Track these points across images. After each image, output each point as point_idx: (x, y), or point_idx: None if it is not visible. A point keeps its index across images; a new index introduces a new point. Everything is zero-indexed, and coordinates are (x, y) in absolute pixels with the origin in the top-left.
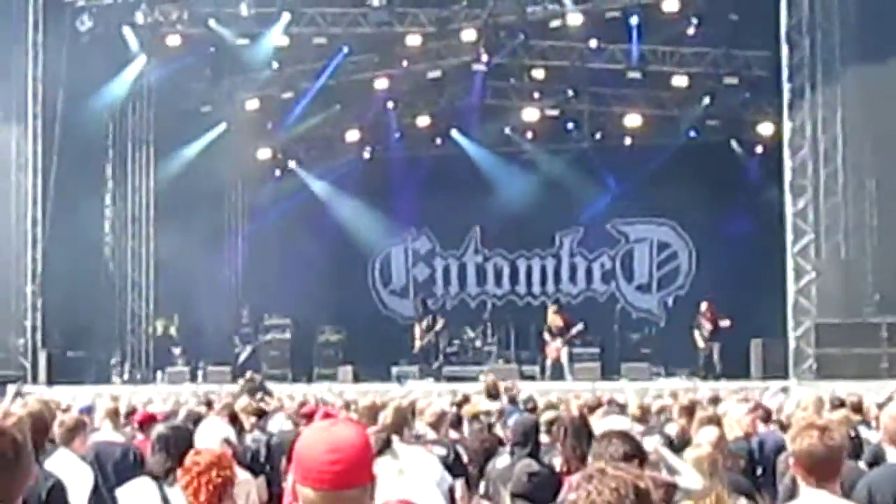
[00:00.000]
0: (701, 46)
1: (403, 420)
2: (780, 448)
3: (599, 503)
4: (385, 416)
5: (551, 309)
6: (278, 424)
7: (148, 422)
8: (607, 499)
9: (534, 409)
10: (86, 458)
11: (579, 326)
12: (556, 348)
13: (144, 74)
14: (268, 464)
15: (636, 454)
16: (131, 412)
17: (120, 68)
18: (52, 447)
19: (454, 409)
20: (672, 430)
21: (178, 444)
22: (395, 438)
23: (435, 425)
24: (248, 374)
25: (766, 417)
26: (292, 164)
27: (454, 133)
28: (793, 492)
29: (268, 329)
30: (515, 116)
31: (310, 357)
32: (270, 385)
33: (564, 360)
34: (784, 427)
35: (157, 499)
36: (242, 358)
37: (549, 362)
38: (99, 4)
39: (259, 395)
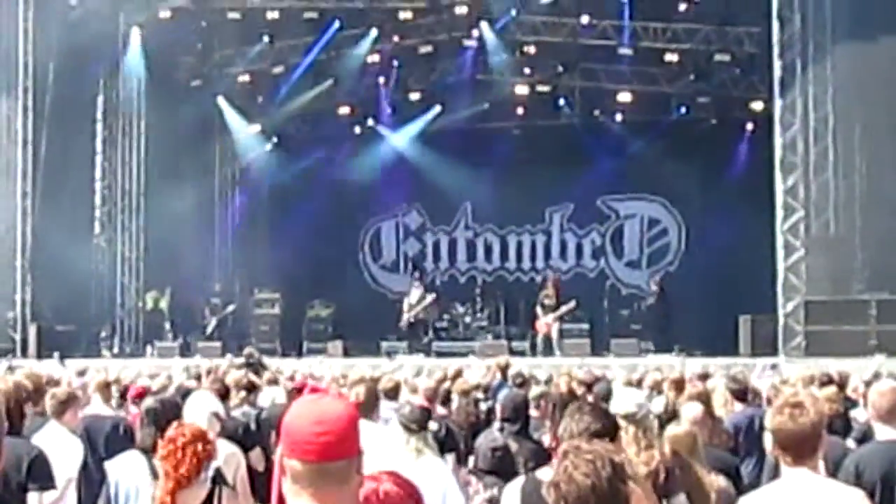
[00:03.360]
0: (692, 23)
1: (375, 399)
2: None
3: (577, 477)
4: (357, 395)
5: (552, 279)
6: (269, 398)
7: (141, 396)
8: (584, 471)
9: (522, 385)
10: (76, 431)
11: (571, 305)
12: (546, 324)
13: (135, 48)
14: (258, 437)
15: (604, 431)
16: (124, 390)
17: (111, 42)
18: (42, 420)
19: (447, 384)
20: (660, 403)
21: (167, 417)
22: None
23: (426, 401)
24: (248, 349)
25: (743, 395)
26: (283, 138)
27: (443, 108)
28: (776, 469)
29: (258, 303)
30: (506, 92)
31: (299, 332)
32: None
33: (554, 336)
34: (772, 403)
35: (146, 472)
36: (210, 329)
37: (539, 338)
38: None
39: (257, 371)
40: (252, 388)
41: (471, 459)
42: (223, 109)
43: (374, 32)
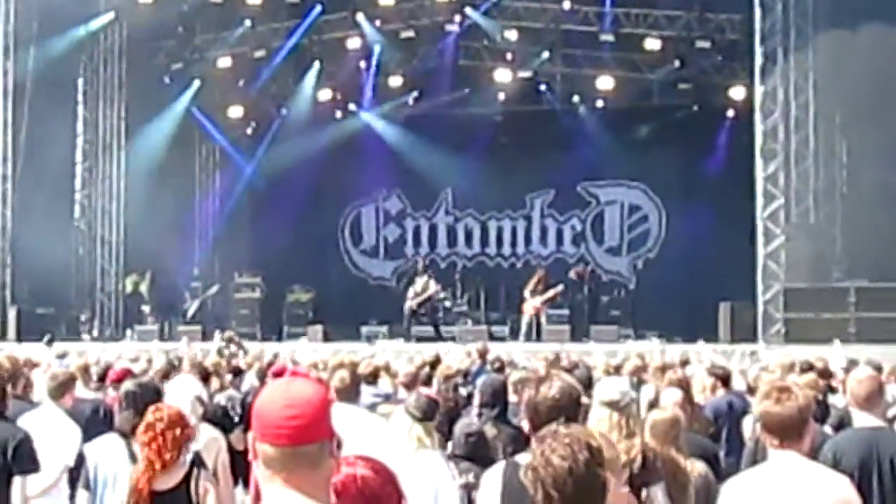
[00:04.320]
0: (674, 9)
1: (357, 384)
2: (742, 413)
3: (554, 461)
4: (342, 379)
5: (540, 274)
6: (252, 382)
7: (121, 380)
8: (561, 455)
9: (500, 370)
10: (78, 414)
11: (558, 289)
12: (533, 307)
13: (115, 31)
14: (242, 420)
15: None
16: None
17: (91, 25)
18: (24, 403)
19: (427, 369)
20: (650, 391)
21: (145, 400)
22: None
23: (408, 385)
24: (228, 333)
25: (725, 382)
26: (264, 122)
27: (424, 93)
28: (755, 455)
29: (238, 287)
30: (488, 77)
31: (280, 316)
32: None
33: (543, 321)
34: (752, 390)
35: (125, 455)
36: (191, 312)
37: (524, 320)
38: None
39: (236, 352)
40: (238, 373)
41: (449, 445)
42: (204, 92)
43: (354, 17)
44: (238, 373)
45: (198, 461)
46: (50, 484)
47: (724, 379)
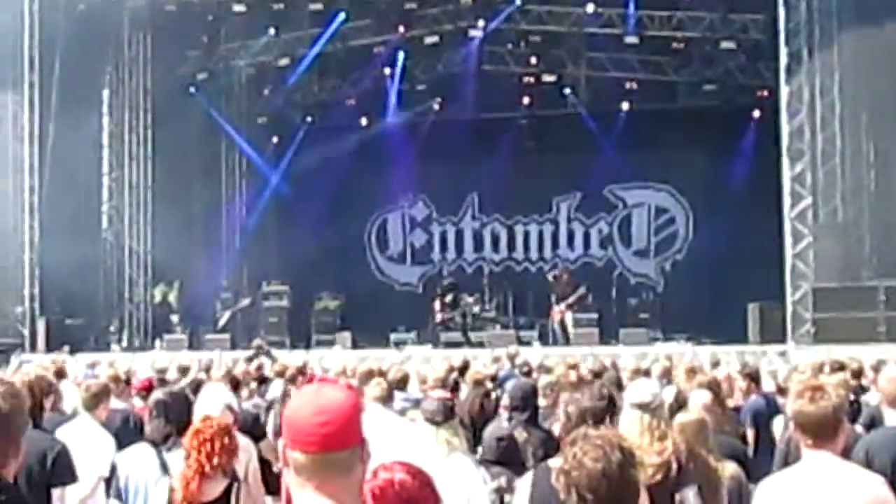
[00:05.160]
0: (698, 11)
1: (391, 391)
2: (773, 413)
3: (587, 463)
4: (381, 386)
5: (562, 273)
6: (279, 390)
7: (147, 389)
8: (594, 457)
9: (529, 374)
10: (108, 425)
11: (581, 291)
12: (559, 311)
13: (140, 41)
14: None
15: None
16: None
17: (116, 35)
18: (60, 415)
19: (455, 374)
20: (670, 392)
21: (175, 409)
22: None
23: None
24: (257, 341)
25: (756, 382)
26: (289, 130)
27: (449, 98)
28: (787, 456)
29: (266, 296)
30: (513, 81)
31: (308, 324)
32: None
33: (569, 322)
34: (782, 391)
35: (156, 464)
36: (222, 323)
37: (554, 325)
38: None
39: (266, 361)
40: (263, 381)
41: (479, 450)
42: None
43: (379, 24)
44: (263, 381)
45: (234, 475)
46: (86, 495)
47: (756, 379)
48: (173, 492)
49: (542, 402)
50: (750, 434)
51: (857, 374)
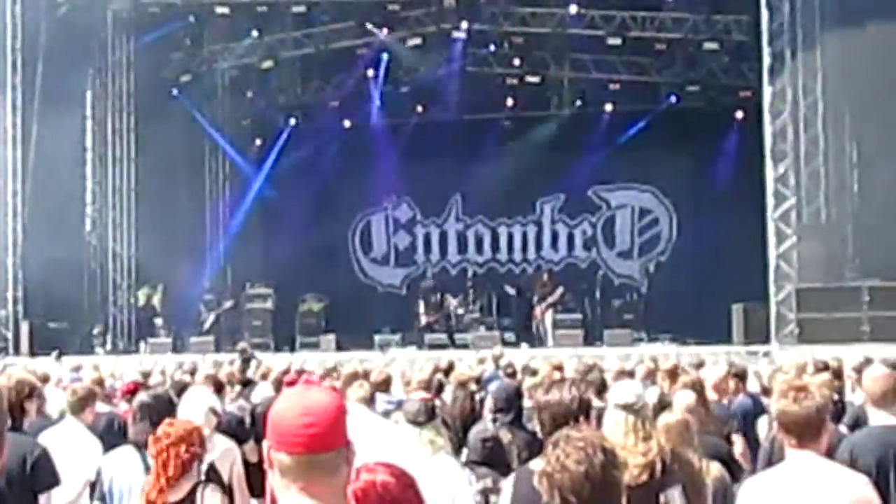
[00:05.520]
0: (681, 12)
1: (374, 393)
2: (758, 413)
3: (570, 465)
4: (364, 388)
5: (545, 275)
6: (263, 393)
7: (131, 392)
8: (576, 459)
9: (513, 375)
10: (94, 428)
11: (558, 292)
12: (540, 311)
13: (123, 43)
14: (253, 431)
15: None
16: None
17: (99, 38)
18: (44, 420)
19: (439, 375)
20: (653, 393)
21: (159, 412)
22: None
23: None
24: (242, 344)
25: (743, 380)
26: (273, 132)
27: (435, 100)
28: (771, 456)
29: (250, 298)
30: (496, 83)
31: (292, 326)
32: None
33: (548, 325)
34: (766, 391)
35: (140, 467)
36: (207, 325)
37: (539, 327)
38: None
39: (251, 364)
40: (246, 384)
41: (464, 451)
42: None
43: (362, 26)
44: (247, 384)
45: (214, 474)
46: (71, 499)
47: (744, 379)
48: (146, 493)
49: (527, 403)
50: (739, 435)
51: (837, 374)
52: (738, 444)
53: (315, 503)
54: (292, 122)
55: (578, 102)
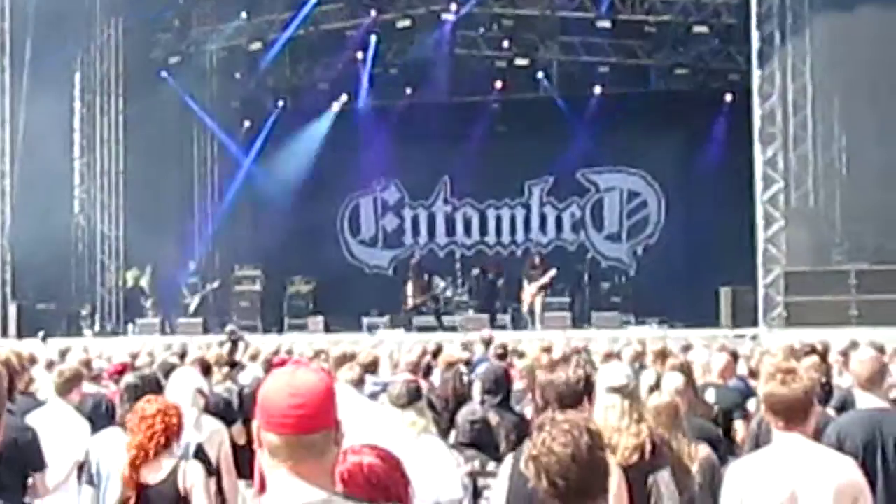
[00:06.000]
0: None
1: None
2: (747, 395)
3: (556, 448)
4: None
5: (536, 257)
6: (251, 375)
7: (120, 373)
8: (562, 442)
9: (503, 357)
10: (81, 410)
11: (551, 273)
12: (530, 294)
13: (112, 25)
14: (241, 412)
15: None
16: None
17: (87, 19)
18: (32, 400)
19: (427, 358)
20: (650, 376)
21: (146, 393)
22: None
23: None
24: (230, 326)
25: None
26: (261, 114)
27: (424, 83)
28: (758, 439)
29: (238, 280)
30: (485, 65)
31: (280, 308)
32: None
33: (538, 307)
34: (754, 374)
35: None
36: (192, 308)
37: (524, 308)
38: None
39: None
40: (234, 365)
41: (453, 433)
42: (200, 85)
43: (351, 8)
44: (235, 365)
45: (201, 454)
46: (60, 481)
47: (736, 359)
48: (122, 473)
49: (518, 385)
50: (742, 422)
51: (824, 357)
52: (740, 431)
53: (304, 483)
54: (281, 104)
55: (567, 85)
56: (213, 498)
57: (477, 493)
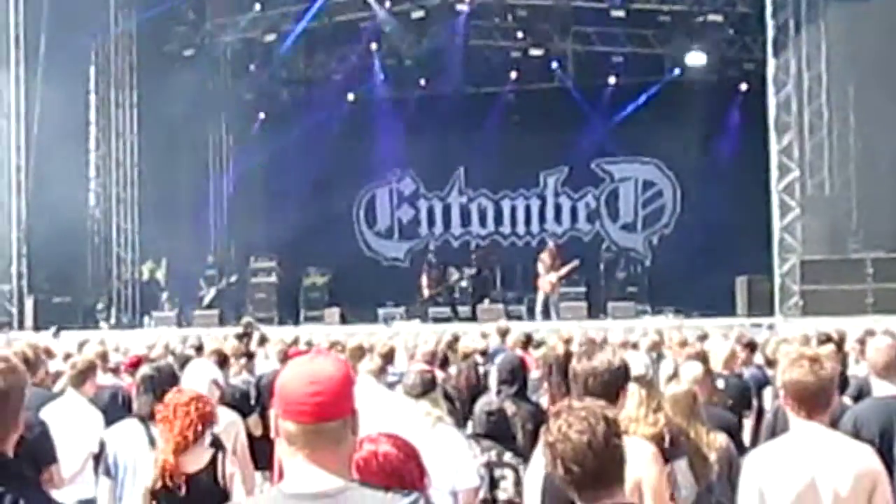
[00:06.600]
0: None
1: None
2: (763, 384)
3: (572, 435)
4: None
5: (551, 247)
6: (266, 366)
7: (136, 365)
8: (578, 429)
9: (526, 346)
10: (97, 402)
11: (574, 263)
12: (549, 282)
13: (126, 17)
14: (258, 403)
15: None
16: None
17: (102, 12)
18: (46, 392)
19: (444, 348)
20: (668, 366)
21: (162, 384)
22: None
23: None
24: (246, 318)
25: (752, 352)
26: (276, 105)
27: (438, 74)
28: (775, 427)
29: (254, 272)
30: (499, 56)
31: (296, 299)
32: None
33: (555, 298)
34: (770, 363)
35: (145, 440)
36: (207, 300)
37: (539, 297)
38: None
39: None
40: (250, 357)
41: (469, 424)
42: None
43: None
44: (250, 357)
45: (218, 444)
46: (75, 472)
47: (754, 349)
48: (156, 463)
49: (535, 373)
50: (755, 403)
51: (839, 345)
52: (748, 428)
53: (320, 471)
54: (295, 95)
55: (582, 75)
56: None
57: (494, 484)
